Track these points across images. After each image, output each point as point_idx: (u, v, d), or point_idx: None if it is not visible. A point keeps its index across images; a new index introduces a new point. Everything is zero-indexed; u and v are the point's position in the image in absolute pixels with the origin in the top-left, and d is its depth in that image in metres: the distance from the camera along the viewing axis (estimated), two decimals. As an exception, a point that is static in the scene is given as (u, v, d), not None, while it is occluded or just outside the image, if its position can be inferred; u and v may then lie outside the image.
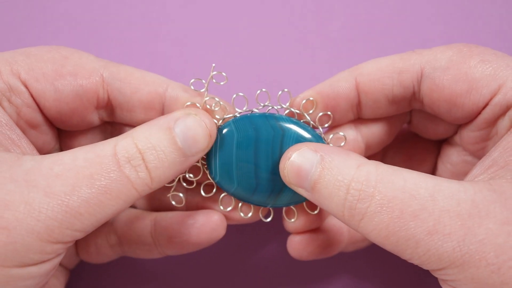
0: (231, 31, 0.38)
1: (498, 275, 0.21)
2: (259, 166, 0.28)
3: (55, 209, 0.21)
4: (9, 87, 0.26)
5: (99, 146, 0.23)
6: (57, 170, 0.22)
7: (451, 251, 0.21)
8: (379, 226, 0.22)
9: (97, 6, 0.38)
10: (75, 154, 0.23)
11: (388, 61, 0.28)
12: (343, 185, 0.23)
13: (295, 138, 0.28)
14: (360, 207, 0.23)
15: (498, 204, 0.22)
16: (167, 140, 0.24)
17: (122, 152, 0.23)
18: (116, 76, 0.27)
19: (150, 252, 0.30)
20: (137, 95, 0.27)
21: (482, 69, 0.26)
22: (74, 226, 0.22)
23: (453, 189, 0.22)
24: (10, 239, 0.21)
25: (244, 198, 0.29)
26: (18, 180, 0.22)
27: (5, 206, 0.21)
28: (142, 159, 0.24)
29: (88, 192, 0.22)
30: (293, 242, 0.30)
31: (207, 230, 0.29)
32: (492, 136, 0.27)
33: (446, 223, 0.21)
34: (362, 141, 0.30)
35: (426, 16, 0.37)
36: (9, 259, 0.21)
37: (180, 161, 0.25)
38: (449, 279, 0.22)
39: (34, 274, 0.22)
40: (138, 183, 0.23)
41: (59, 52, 0.27)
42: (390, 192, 0.22)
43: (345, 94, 0.28)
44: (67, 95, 0.27)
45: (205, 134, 0.26)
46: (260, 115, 0.28)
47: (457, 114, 0.27)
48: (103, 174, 0.22)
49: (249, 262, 0.36)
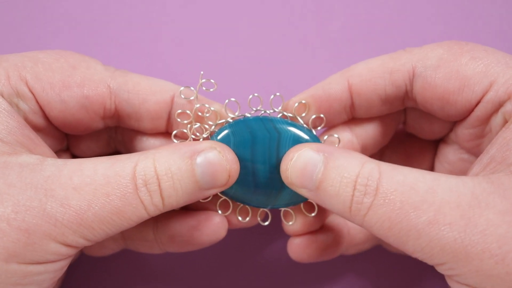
0: (231, 31, 0.38)
1: (503, 265, 0.21)
2: (257, 167, 0.28)
3: (70, 220, 0.23)
4: (17, 93, 0.26)
5: (120, 164, 0.24)
6: (76, 182, 0.23)
7: (452, 242, 0.21)
8: (382, 218, 0.23)
9: (97, 6, 0.38)
10: (95, 167, 0.24)
11: (379, 61, 0.28)
12: (350, 181, 0.23)
13: (292, 139, 0.28)
14: (366, 201, 0.23)
15: (497, 195, 0.22)
16: (187, 171, 0.25)
17: (141, 174, 0.24)
18: (123, 87, 0.27)
19: (151, 248, 0.31)
20: (145, 106, 0.28)
21: (473, 66, 0.26)
22: (87, 236, 0.23)
23: (452, 183, 0.23)
24: (30, 241, 0.22)
25: (244, 199, 0.29)
26: (37, 187, 0.23)
27: (26, 210, 0.22)
28: (159, 185, 0.24)
29: (102, 211, 0.23)
30: (293, 244, 0.30)
31: (208, 231, 0.29)
32: (486, 133, 0.27)
33: (447, 213, 0.22)
34: (357, 143, 0.30)
35: (426, 16, 0.37)
36: (28, 257, 0.22)
37: (195, 193, 0.25)
38: (454, 274, 0.22)
39: (50, 269, 0.23)
40: (150, 208, 0.24)
41: (68, 60, 0.27)
42: (391, 185, 0.23)
43: (337, 96, 0.28)
44: (73, 107, 0.27)
45: (225, 172, 0.26)
46: (255, 119, 0.28)
47: (450, 111, 0.27)
48: (119, 196, 0.23)
49: (249, 261, 0.36)
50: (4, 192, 0.22)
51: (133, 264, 0.36)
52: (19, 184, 0.23)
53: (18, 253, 0.22)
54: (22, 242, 0.22)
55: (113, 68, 0.28)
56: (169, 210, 0.30)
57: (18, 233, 0.22)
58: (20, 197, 0.22)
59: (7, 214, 0.22)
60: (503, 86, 0.25)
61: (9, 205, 0.22)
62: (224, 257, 0.36)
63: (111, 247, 0.32)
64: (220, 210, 0.30)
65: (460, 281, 0.22)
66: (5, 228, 0.22)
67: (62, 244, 0.23)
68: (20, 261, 0.22)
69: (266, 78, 0.37)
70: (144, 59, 0.37)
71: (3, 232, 0.22)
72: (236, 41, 0.37)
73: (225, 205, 0.30)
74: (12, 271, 0.22)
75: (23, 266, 0.22)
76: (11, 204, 0.22)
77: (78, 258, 0.34)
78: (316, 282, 0.36)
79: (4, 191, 0.22)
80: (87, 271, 0.35)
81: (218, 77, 0.37)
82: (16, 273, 0.22)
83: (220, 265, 0.36)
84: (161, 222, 0.30)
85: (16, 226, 0.22)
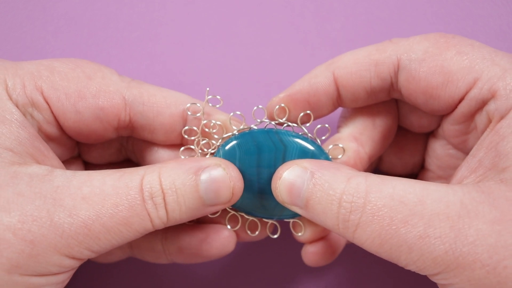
0: (231, 31, 0.38)
1: (494, 275, 0.21)
2: (262, 178, 0.28)
3: (77, 230, 0.23)
4: (32, 102, 0.26)
5: (128, 176, 0.24)
6: (85, 192, 0.23)
7: (444, 254, 0.21)
8: (372, 235, 0.22)
9: (97, 6, 0.38)
10: (104, 178, 0.24)
11: (364, 52, 0.28)
12: (335, 199, 0.23)
13: (298, 150, 0.28)
14: (353, 218, 0.23)
15: (486, 204, 0.22)
16: (190, 187, 0.25)
17: (147, 187, 0.24)
18: (139, 99, 0.27)
19: (158, 258, 0.31)
20: (159, 118, 0.28)
21: (458, 61, 0.25)
22: (92, 247, 0.23)
23: (441, 192, 0.22)
24: (34, 252, 0.22)
25: (251, 210, 0.29)
26: (46, 197, 0.23)
27: (33, 221, 0.22)
28: (163, 199, 0.24)
29: (110, 221, 0.23)
30: (308, 253, 0.30)
31: (217, 245, 0.29)
32: (471, 130, 0.27)
33: (436, 226, 0.22)
34: (364, 152, 0.29)
35: (426, 16, 0.37)
36: (31, 269, 0.22)
37: (198, 209, 0.25)
38: (447, 283, 0.22)
39: (51, 282, 0.23)
40: (156, 221, 0.24)
41: (84, 70, 0.27)
42: (379, 201, 0.22)
43: (324, 90, 0.28)
44: (88, 117, 0.27)
45: (228, 190, 0.26)
46: (261, 131, 0.28)
47: (434, 106, 0.27)
48: (127, 207, 0.23)
49: (256, 271, 0.36)
50: (12, 201, 0.22)
51: (138, 271, 0.36)
52: (28, 194, 0.23)
53: (21, 264, 0.22)
54: (26, 253, 0.22)
55: (129, 79, 0.28)
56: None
57: (23, 244, 0.22)
58: (28, 207, 0.22)
59: (13, 224, 0.22)
60: (486, 84, 0.25)
61: (16, 215, 0.22)
62: (229, 267, 0.36)
63: (118, 254, 0.31)
64: (229, 225, 0.30)
65: None
66: (10, 239, 0.22)
67: (66, 256, 0.23)
68: (23, 273, 0.22)
69: (266, 78, 0.37)
70: (144, 59, 0.37)
71: (7, 242, 0.22)
72: (236, 41, 0.37)
73: (234, 219, 0.30)
74: (13, 283, 0.22)
75: (25, 278, 0.22)
76: (18, 214, 0.22)
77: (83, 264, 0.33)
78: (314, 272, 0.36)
79: (12, 200, 0.22)
80: (91, 278, 0.35)
81: (218, 77, 0.37)
82: (17, 284, 0.22)
83: (225, 276, 0.36)
84: (171, 233, 0.30)
85: (22, 236, 0.22)
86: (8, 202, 0.22)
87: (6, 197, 0.22)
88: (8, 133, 0.24)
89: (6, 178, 0.23)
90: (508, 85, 0.24)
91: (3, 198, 0.22)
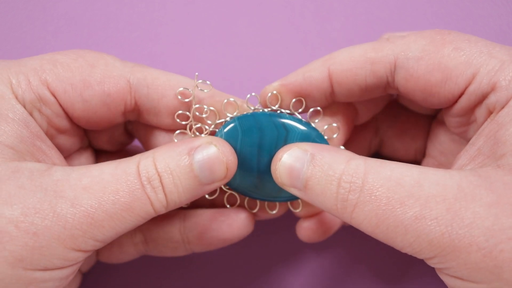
0: (231, 31, 0.38)
1: (491, 258, 0.21)
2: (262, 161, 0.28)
3: (81, 220, 0.23)
4: (39, 98, 0.26)
5: (124, 164, 0.25)
6: (85, 182, 0.23)
7: (440, 236, 0.21)
8: (369, 215, 0.23)
9: (97, 6, 0.38)
10: (102, 168, 0.24)
11: (361, 50, 0.27)
12: (334, 179, 0.24)
13: (300, 135, 0.28)
14: (351, 198, 0.23)
15: (483, 187, 0.22)
16: (185, 167, 0.25)
17: (143, 172, 0.24)
18: (143, 82, 0.27)
19: (176, 250, 0.31)
20: (164, 101, 0.28)
21: (455, 57, 0.25)
22: (96, 236, 0.23)
23: (438, 176, 0.23)
24: (38, 244, 0.22)
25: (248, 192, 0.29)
26: (47, 190, 0.23)
27: (36, 213, 0.22)
28: (160, 181, 0.24)
29: (113, 208, 0.23)
30: (302, 228, 0.31)
31: (238, 225, 0.30)
32: (471, 122, 0.27)
33: (433, 208, 0.22)
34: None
35: (426, 16, 0.37)
36: (35, 263, 0.22)
37: (195, 188, 0.25)
38: (444, 267, 0.22)
39: (55, 277, 0.23)
40: (156, 204, 0.25)
41: (86, 59, 0.27)
42: (377, 181, 0.23)
43: (317, 85, 0.28)
44: (95, 105, 0.27)
45: (222, 165, 0.26)
46: (264, 114, 0.28)
47: (433, 102, 0.27)
48: (128, 192, 0.24)
49: (254, 256, 0.36)
50: (14, 195, 0.22)
51: (147, 275, 0.36)
52: (29, 187, 0.23)
53: (24, 258, 0.22)
54: (30, 245, 0.22)
55: (131, 63, 0.28)
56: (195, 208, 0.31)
57: (26, 237, 0.22)
58: (30, 200, 0.22)
59: (15, 217, 0.22)
60: (485, 77, 0.25)
61: (18, 208, 0.22)
62: (231, 262, 0.36)
63: (130, 252, 0.31)
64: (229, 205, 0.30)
65: (450, 274, 0.22)
66: (12, 231, 0.22)
67: (70, 247, 0.23)
68: (26, 267, 0.22)
69: (266, 78, 0.37)
70: (144, 59, 0.37)
71: (10, 235, 0.22)
72: (236, 41, 0.37)
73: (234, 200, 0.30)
74: (17, 277, 0.22)
75: (29, 273, 0.22)
76: (20, 206, 0.22)
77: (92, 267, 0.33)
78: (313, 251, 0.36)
79: (14, 193, 0.22)
80: (101, 282, 0.35)
81: (218, 76, 0.37)
82: (21, 279, 0.22)
83: (236, 276, 0.36)
84: (189, 220, 0.30)
85: (24, 229, 0.22)
86: (9, 195, 0.22)
87: (7, 191, 0.22)
88: (10, 132, 0.24)
89: (8, 172, 0.23)
90: (507, 76, 0.24)
91: (4, 192, 0.22)
